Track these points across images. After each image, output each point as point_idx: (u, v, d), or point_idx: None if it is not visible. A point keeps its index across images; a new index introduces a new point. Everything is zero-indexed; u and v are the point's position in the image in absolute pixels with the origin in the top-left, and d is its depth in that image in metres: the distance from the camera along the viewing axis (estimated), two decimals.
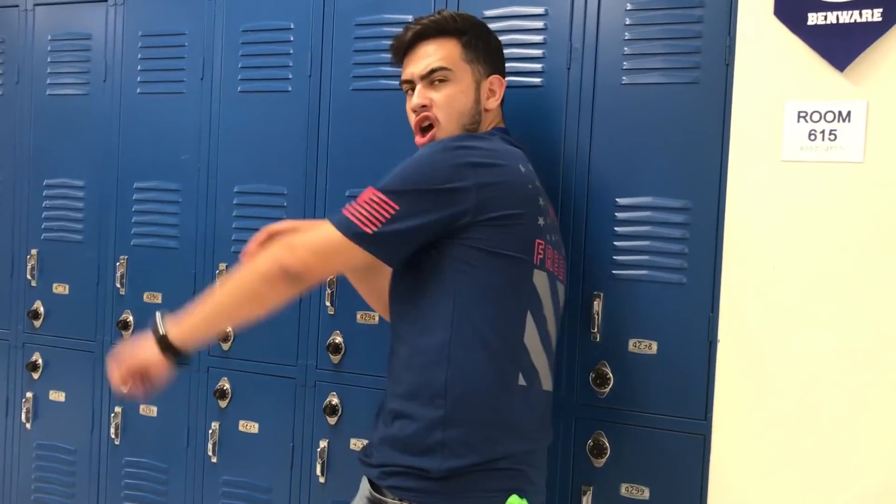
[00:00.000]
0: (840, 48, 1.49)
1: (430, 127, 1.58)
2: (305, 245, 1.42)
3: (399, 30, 1.65)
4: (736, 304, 1.57)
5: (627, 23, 1.75)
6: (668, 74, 1.72)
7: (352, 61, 2.03)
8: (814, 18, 1.51)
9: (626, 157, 1.75)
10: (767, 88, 1.54)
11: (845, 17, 1.49)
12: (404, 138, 1.94)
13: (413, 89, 1.61)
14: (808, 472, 1.52)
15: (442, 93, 1.57)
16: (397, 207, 1.38)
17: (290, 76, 2.10)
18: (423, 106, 1.57)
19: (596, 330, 1.76)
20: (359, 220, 1.38)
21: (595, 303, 1.75)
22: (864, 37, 1.48)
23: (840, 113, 1.49)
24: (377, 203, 1.39)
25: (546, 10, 1.83)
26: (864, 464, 1.49)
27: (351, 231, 1.38)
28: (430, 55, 1.57)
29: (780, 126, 1.53)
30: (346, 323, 2.04)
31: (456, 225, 1.40)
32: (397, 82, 1.95)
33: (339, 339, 2.03)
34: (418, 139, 1.60)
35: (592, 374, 1.76)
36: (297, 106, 2.09)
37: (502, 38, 1.72)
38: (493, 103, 1.62)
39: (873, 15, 1.47)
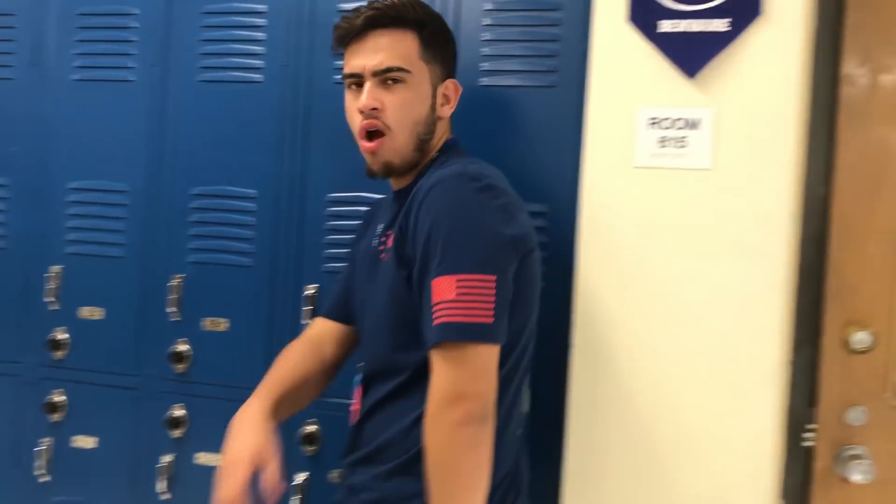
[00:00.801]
0: (690, 56, 1.51)
1: (379, 134, 1.37)
2: (457, 384, 1.19)
3: (255, 21, 1.53)
4: (590, 309, 1.57)
5: (486, 23, 1.72)
6: (526, 77, 1.70)
7: (200, 51, 1.91)
8: (665, 26, 1.52)
9: (485, 159, 1.72)
10: (621, 94, 1.55)
11: (696, 25, 1.51)
12: (257, 134, 1.85)
13: (358, 84, 1.38)
14: (661, 475, 1.54)
15: (397, 95, 1.36)
16: (495, 277, 1.20)
17: (133, 65, 1.96)
18: (375, 109, 1.36)
19: None
20: (473, 316, 1.19)
21: None
22: (712, 45, 1.50)
23: (689, 120, 1.52)
24: (474, 286, 1.19)
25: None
26: (717, 465, 1.51)
27: (479, 334, 1.19)
28: (386, 49, 1.36)
29: (634, 132, 1.54)
30: (191, 329, 1.91)
31: None
32: (250, 75, 1.86)
33: (183, 347, 1.91)
34: (364, 144, 1.38)
35: None
36: (139, 97, 1.95)
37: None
38: (448, 111, 1.45)
39: (722, 24, 1.50)
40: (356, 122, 1.38)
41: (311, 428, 1.82)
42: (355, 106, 1.37)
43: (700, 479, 1.52)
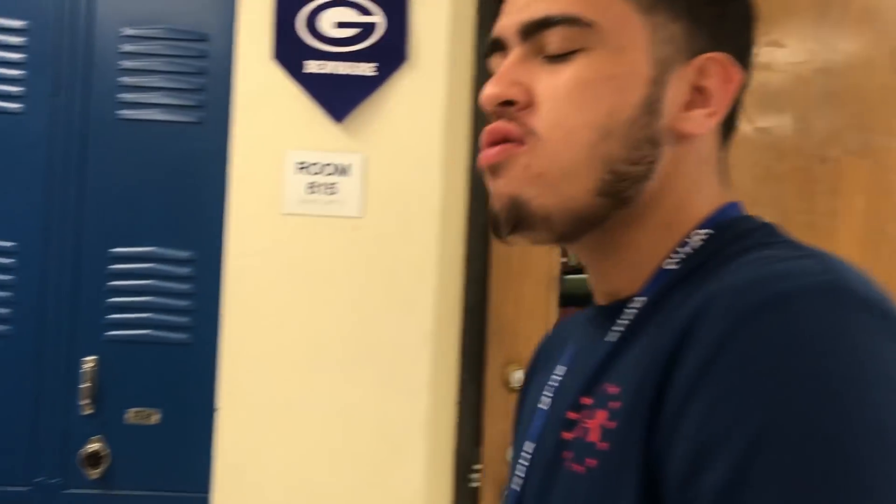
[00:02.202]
0: (338, 99, 1.45)
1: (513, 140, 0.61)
2: None
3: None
4: (236, 367, 1.45)
5: (125, 50, 1.55)
6: (171, 111, 1.55)
7: None
8: (311, 66, 1.45)
9: (125, 201, 1.56)
10: (268, 136, 1.46)
11: (342, 68, 1.45)
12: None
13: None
14: None
15: (563, 75, 0.60)
16: None
17: None
18: (508, 102, 0.60)
19: (89, 401, 1.52)
20: None
21: (87, 367, 1.52)
22: (360, 89, 1.46)
23: (339, 166, 1.46)
24: None
25: (28, 25, 1.55)
26: None
27: None
28: None
29: (282, 176, 1.45)
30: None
31: None
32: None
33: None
34: (483, 154, 0.62)
35: (83, 453, 1.52)
36: None
37: None
38: (705, 123, 0.61)
39: (369, 69, 1.46)
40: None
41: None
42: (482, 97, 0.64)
43: None
